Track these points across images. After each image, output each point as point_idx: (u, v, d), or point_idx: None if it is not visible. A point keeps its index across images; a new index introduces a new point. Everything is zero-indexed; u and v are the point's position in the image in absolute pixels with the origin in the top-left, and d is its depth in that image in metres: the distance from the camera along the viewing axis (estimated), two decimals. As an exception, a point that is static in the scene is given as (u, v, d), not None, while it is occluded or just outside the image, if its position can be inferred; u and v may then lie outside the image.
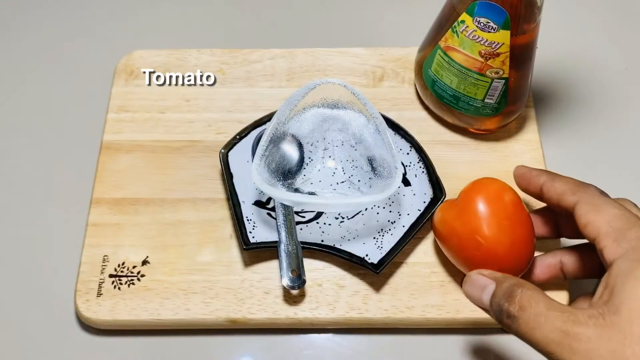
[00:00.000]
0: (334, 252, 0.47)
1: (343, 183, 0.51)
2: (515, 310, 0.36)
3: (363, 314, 0.46)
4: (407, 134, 0.52)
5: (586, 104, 0.59)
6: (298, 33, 0.64)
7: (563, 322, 0.34)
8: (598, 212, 0.37)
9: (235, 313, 0.46)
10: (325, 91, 0.50)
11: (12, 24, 0.65)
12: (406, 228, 0.48)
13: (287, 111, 0.49)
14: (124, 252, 0.49)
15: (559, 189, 0.41)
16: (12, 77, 0.61)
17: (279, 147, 0.50)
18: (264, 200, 0.50)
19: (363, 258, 0.47)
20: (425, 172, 0.50)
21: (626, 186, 0.54)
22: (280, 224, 0.48)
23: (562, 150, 0.55)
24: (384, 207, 0.50)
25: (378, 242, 0.48)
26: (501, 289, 0.37)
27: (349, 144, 0.52)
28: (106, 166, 0.53)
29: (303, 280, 0.46)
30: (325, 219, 0.49)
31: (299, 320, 0.46)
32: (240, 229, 0.48)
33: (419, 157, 0.51)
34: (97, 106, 0.57)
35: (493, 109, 0.51)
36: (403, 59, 0.59)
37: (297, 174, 0.51)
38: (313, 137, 0.52)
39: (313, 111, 0.51)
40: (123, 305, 0.46)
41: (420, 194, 0.50)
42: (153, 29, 0.65)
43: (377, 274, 0.46)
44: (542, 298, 0.35)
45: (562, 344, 0.33)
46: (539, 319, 0.34)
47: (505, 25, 0.46)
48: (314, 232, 0.49)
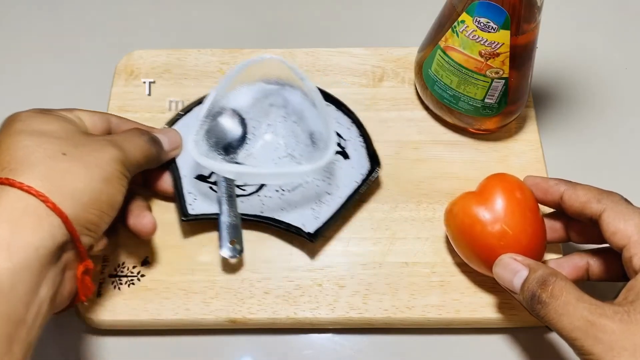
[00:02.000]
0: (272, 222, 0.49)
1: (285, 157, 0.52)
2: (547, 297, 0.38)
3: (363, 314, 0.46)
4: (348, 110, 0.53)
5: (586, 104, 0.59)
6: (298, 33, 0.64)
7: (590, 313, 0.36)
8: (626, 221, 0.38)
9: (235, 313, 0.46)
10: (266, 67, 0.51)
11: (12, 24, 0.65)
12: (343, 199, 0.49)
13: (226, 85, 0.50)
14: (124, 252, 0.49)
15: (583, 197, 0.41)
16: (12, 77, 0.61)
17: (220, 121, 0.51)
18: (206, 175, 0.51)
19: (300, 228, 0.48)
20: (364, 146, 0.52)
21: (626, 186, 0.54)
22: (221, 196, 0.49)
23: (562, 150, 0.55)
24: (323, 179, 0.51)
25: (316, 212, 0.49)
26: (535, 275, 0.39)
27: (291, 120, 0.53)
28: (106, 166, 0.53)
29: (241, 250, 0.47)
30: (266, 191, 0.51)
31: (298, 320, 0.46)
32: (180, 201, 0.49)
33: (359, 132, 0.52)
34: (97, 106, 0.57)
35: (493, 109, 0.51)
36: (403, 59, 0.59)
37: (240, 149, 0.52)
38: (256, 113, 0.53)
39: (256, 87, 0.52)
40: (123, 305, 0.46)
41: (358, 166, 0.51)
42: (153, 29, 0.65)
43: (312, 242, 0.47)
44: (573, 289, 0.37)
45: (587, 333, 0.35)
46: (568, 308, 0.37)
47: (505, 25, 0.46)
48: (254, 205, 0.50)
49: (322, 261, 0.49)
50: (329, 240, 0.50)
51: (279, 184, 0.51)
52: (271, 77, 0.52)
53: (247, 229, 0.49)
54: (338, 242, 0.50)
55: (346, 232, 0.50)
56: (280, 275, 0.48)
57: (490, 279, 0.47)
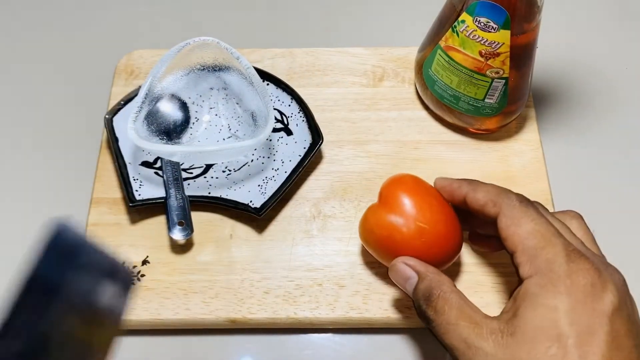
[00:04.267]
0: (220, 202, 0.50)
1: (229, 138, 0.53)
2: (431, 313, 0.38)
3: (363, 314, 0.46)
4: (287, 87, 0.55)
5: (586, 103, 0.59)
6: (298, 33, 0.64)
7: (468, 334, 0.36)
8: (517, 227, 0.37)
9: (235, 313, 0.46)
10: (203, 50, 0.52)
11: (12, 24, 0.65)
12: (288, 173, 0.51)
13: (162, 69, 0.50)
14: (124, 252, 0.49)
15: (481, 200, 0.40)
16: (12, 76, 0.61)
17: (161, 107, 0.52)
18: (151, 161, 0.52)
19: (247, 204, 0.49)
20: (305, 121, 0.53)
21: (626, 186, 0.54)
22: (167, 180, 0.50)
23: (562, 150, 0.55)
24: (268, 156, 0.52)
25: (262, 188, 0.51)
26: (421, 287, 0.39)
27: (232, 101, 0.54)
28: (106, 166, 0.53)
29: (189, 232, 0.48)
30: (213, 173, 0.52)
31: (298, 320, 0.46)
32: (126, 188, 0.50)
33: (299, 107, 0.54)
34: (97, 106, 0.57)
35: (493, 109, 0.51)
36: (403, 59, 0.59)
37: (183, 133, 0.53)
38: (197, 97, 0.54)
39: (194, 71, 0.53)
40: (123, 305, 0.46)
41: (300, 141, 0.53)
42: (153, 29, 0.65)
43: (259, 216, 0.48)
44: (456, 304, 0.37)
45: (465, 354, 0.35)
46: (449, 327, 0.37)
47: (505, 25, 0.46)
48: (201, 186, 0.51)
49: (322, 261, 0.49)
50: (329, 240, 0.50)
51: (224, 164, 0.52)
52: (208, 60, 0.53)
53: (197, 211, 0.50)
54: (338, 242, 0.50)
55: (346, 232, 0.50)
56: (280, 275, 0.48)
57: (490, 279, 0.48)
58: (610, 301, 0.34)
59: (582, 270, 0.35)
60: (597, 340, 0.33)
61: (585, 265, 0.35)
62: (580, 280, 0.34)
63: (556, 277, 0.35)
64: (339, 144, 0.54)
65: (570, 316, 0.34)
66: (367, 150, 0.54)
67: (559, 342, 0.33)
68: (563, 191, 0.52)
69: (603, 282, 0.34)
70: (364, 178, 0.52)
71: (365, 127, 0.55)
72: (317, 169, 0.53)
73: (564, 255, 0.35)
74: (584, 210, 0.43)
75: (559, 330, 0.33)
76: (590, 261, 0.35)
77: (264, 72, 0.55)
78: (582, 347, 0.33)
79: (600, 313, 0.34)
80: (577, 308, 0.34)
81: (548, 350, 0.33)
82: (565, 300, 0.34)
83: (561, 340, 0.33)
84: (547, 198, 0.51)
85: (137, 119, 0.49)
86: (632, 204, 0.53)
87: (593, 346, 0.33)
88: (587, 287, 0.34)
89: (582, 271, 0.35)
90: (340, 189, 0.52)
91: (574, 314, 0.34)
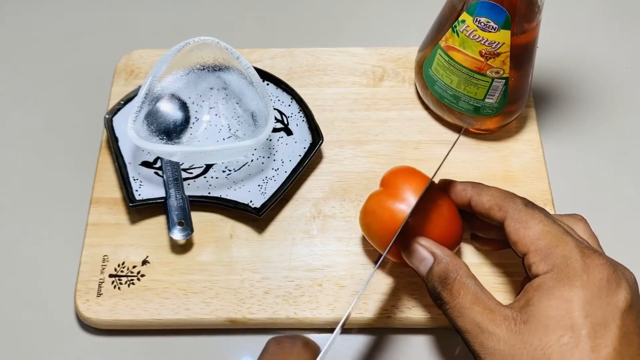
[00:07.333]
0: (220, 202, 0.50)
1: (229, 138, 0.53)
2: (447, 295, 0.38)
3: (363, 314, 0.46)
4: (287, 87, 0.55)
5: (586, 103, 0.59)
6: (298, 33, 0.64)
7: (482, 319, 0.36)
8: (526, 229, 0.38)
9: (235, 313, 0.46)
10: (203, 50, 0.52)
11: (12, 24, 0.65)
12: (288, 173, 0.51)
13: (161, 69, 0.50)
14: (124, 252, 0.49)
15: (486, 204, 0.41)
16: (12, 76, 0.61)
17: (161, 107, 0.52)
18: (151, 161, 0.52)
19: (247, 204, 0.49)
20: (305, 121, 0.53)
21: (626, 186, 0.54)
22: (167, 180, 0.50)
23: (562, 150, 0.55)
24: (268, 156, 0.52)
25: (262, 188, 0.50)
26: (437, 269, 0.40)
27: (232, 101, 0.54)
28: (106, 166, 0.53)
29: (189, 232, 0.48)
30: (213, 172, 0.52)
31: (298, 320, 0.46)
32: (125, 188, 0.50)
33: (300, 107, 0.54)
34: (97, 106, 0.57)
35: (493, 109, 0.51)
36: (403, 59, 0.59)
37: (183, 133, 0.53)
38: (197, 97, 0.54)
39: (195, 71, 0.53)
40: (123, 305, 0.46)
41: (300, 141, 0.53)
42: (153, 29, 0.65)
43: (259, 216, 0.48)
44: (472, 289, 0.38)
45: (476, 338, 0.36)
46: (463, 311, 0.37)
47: (505, 24, 0.46)
48: (201, 186, 0.51)
49: (322, 261, 0.49)
50: (329, 240, 0.50)
51: (224, 164, 0.52)
52: (208, 60, 0.53)
53: (196, 211, 0.50)
54: (338, 242, 0.50)
55: (346, 232, 0.50)
56: (280, 275, 0.48)
57: (489, 279, 0.48)
58: (624, 297, 0.35)
59: (598, 266, 0.35)
60: (609, 334, 0.34)
61: (600, 260, 0.35)
62: (596, 275, 0.35)
63: (572, 271, 0.35)
64: (339, 144, 0.54)
65: (586, 309, 0.34)
66: (367, 150, 0.54)
67: (572, 332, 0.34)
68: (563, 191, 0.52)
69: (618, 279, 0.35)
70: (364, 178, 0.52)
71: (365, 127, 0.55)
72: (317, 169, 0.53)
73: (578, 251, 0.36)
74: (584, 210, 0.43)
75: (573, 321, 0.34)
76: (605, 257, 0.36)
77: (264, 72, 0.55)
78: (596, 339, 0.33)
79: (615, 308, 0.34)
80: (592, 301, 0.34)
81: (561, 338, 0.34)
82: (580, 293, 0.35)
83: (575, 330, 0.34)
84: (547, 198, 0.51)
85: (137, 118, 0.49)
86: (632, 204, 0.53)
87: (606, 338, 0.34)
88: (602, 281, 0.35)
89: (597, 267, 0.35)
90: (340, 189, 0.52)
91: (590, 306, 0.34)
